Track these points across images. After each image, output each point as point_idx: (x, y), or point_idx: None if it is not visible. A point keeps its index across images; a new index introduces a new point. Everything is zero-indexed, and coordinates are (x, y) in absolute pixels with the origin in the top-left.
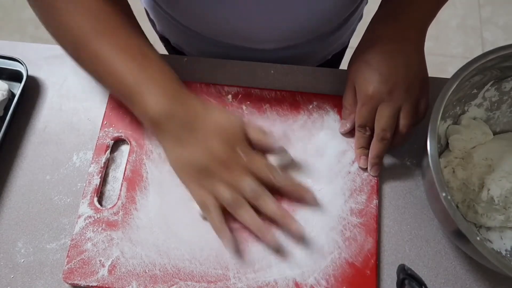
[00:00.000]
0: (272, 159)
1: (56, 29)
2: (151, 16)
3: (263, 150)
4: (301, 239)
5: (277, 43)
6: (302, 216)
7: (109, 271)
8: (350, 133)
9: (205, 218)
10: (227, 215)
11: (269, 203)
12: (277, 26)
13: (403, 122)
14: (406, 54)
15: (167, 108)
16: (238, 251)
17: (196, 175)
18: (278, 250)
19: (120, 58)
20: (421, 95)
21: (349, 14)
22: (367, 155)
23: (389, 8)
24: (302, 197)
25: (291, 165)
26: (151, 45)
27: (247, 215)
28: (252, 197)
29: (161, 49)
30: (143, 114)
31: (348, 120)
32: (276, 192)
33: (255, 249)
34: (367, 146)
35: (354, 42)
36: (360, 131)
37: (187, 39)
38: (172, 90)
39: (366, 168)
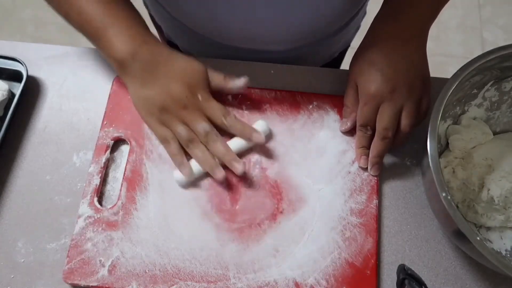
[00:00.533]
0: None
1: None
2: (158, 22)
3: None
4: (242, 174)
5: (284, 44)
6: (302, 216)
7: (109, 271)
8: (350, 133)
9: (182, 186)
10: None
11: (218, 144)
12: (284, 28)
13: (404, 122)
14: (407, 53)
15: (133, 49)
16: (192, 178)
17: (156, 113)
18: (222, 182)
19: (91, 1)
20: (422, 94)
21: (354, 13)
22: (367, 155)
23: (389, 8)
24: (250, 137)
25: (270, 135)
26: None
27: (198, 151)
28: (203, 138)
29: None
30: (110, 54)
31: (349, 119)
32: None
33: (255, 249)
34: (368, 146)
35: (355, 42)
36: (362, 130)
37: (195, 42)
38: (139, 33)
39: (367, 168)
